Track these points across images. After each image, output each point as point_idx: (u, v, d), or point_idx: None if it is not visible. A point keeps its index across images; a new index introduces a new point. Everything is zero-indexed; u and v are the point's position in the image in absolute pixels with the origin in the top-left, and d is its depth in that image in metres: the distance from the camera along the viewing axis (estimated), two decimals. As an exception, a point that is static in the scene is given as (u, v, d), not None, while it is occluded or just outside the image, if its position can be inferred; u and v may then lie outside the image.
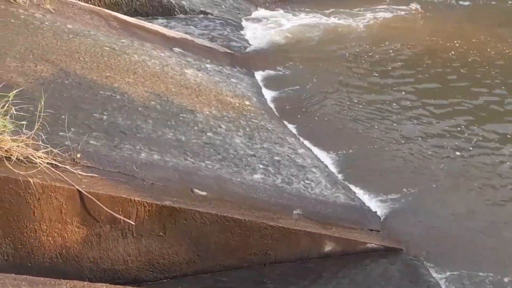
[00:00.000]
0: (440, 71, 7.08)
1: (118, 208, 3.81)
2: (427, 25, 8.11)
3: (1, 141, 3.68)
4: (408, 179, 5.29)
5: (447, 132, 5.96)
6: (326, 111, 6.22)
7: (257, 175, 4.78)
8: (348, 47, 7.51)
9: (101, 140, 4.35)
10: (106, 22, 6.55)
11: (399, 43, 7.57)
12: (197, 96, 5.74)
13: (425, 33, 7.84)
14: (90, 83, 5.09)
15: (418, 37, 7.71)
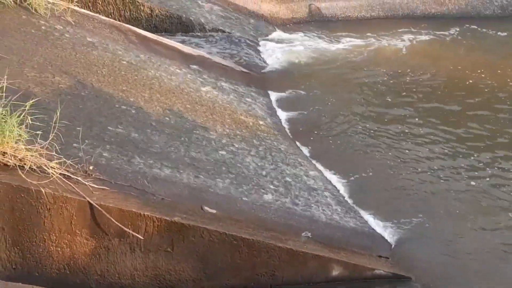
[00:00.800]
0: (458, 99, 7.06)
1: (127, 222, 3.82)
2: (451, 53, 8.10)
3: (16, 149, 3.71)
4: (420, 206, 5.25)
5: (461, 160, 5.93)
6: (339, 135, 6.22)
7: (267, 195, 4.78)
8: (364, 73, 7.52)
9: (114, 153, 4.37)
10: (125, 36, 6.61)
11: (418, 70, 7.57)
12: (211, 113, 5.76)
13: (447, 61, 7.81)
14: (106, 96, 5.14)
15: (439, 65, 7.70)
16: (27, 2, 5.82)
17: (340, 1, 8.79)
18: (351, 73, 7.51)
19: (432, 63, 7.71)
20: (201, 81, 6.42)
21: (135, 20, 7.54)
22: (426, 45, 8.23)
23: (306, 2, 8.69)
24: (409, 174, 5.68)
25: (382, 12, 8.80)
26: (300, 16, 8.59)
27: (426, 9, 8.88)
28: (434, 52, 8.10)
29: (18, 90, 4.39)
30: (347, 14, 8.70)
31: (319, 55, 7.84)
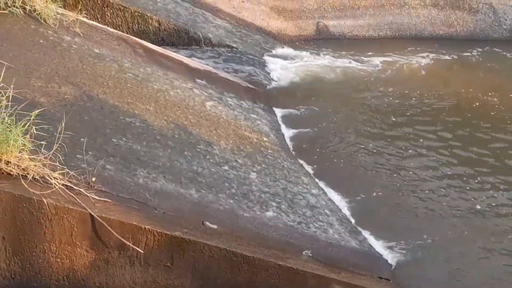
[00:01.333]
0: (464, 121, 7.06)
1: (128, 235, 3.81)
2: (459, 75, 8.11)
3: (19, 159, 3.72)
4: (422, 228, 5.23)
5: (466, 183, 5.92)
6: (343, 154, 6.21)
7: (269, 212, 4.76)
8: (370, 92, 7.53)
9: (117, 166, 4.37)
10: (132, 49, 6.64)
11: (424, 91, 7.57)
12: (215, 128, 5.77)
13: (454, 83, 7.83)
14: (111, 108, 5.15)
15: (445, 86, 7.71)
16: (36, 13, 5.85)
17: (348, 20, 8.82)
18: (357, 92, 7.52)
19: (439, 84, 7.72)
20: (207, 96, 6.43)
21: (143, 33, 7.57)
22: (434, 66, 8.24)
23: (314, 20, 8.72)
24: (412, 195, 5.66)
25: (390, 32, 8.83)
26: (307, 34, 8.62)
27: (434, 31, 8.91)
28: (441, 73, 8.11)
29: (24, 99, 4.41)
30: (355, 33, 8.73)
31: (325, 73, 7.86)
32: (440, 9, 9.09)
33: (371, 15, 8.88)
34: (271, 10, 8.65)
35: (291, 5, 8.76)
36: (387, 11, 8.97)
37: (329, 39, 8.60)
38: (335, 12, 8.82)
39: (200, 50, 7.86)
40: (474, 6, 9.14)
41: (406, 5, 9.04)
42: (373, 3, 9.00)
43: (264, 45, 8.29)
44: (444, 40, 8.82)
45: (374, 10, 8.94)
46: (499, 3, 9.21)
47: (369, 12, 8.91)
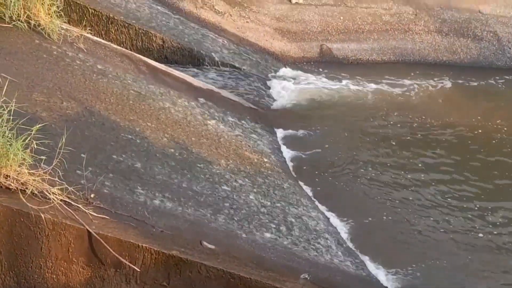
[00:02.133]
0: (465, 149, 7.04)
1: (125, 253, 3.78)
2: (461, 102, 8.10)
3: (19, 173, 3.71)
4: (421, 254, 5.20)
5: (466, 211, 5.90)
6: (343, 177, 6.19)
7: (268, 234, 4.74)
8: (371, 116, 7.52)
9: (116, 182, 4.35)
10: (135, 66, 6.66)
11: (426, 117, 7.56)
12: (216, 148, 5.76)
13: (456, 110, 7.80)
14: (113, 124, 5.15)
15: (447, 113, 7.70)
16: (41, 27, 5.88)
17: (351, 44, 8.84)
18: (358, 115, 7.51)
19: (441, 111, 7.72)
20: (208, 115, 6.43)
21: (146, 50, 7.59)
22: (436, 93, 8.24)
23: (318, 42, 8.76)
24: (412, 221, 5.63)
25: (393, 57, 8.85)
26: (311, 56, 8.64)
27: (437, 57, 8.93)
28: (443, 100, 8.12)
29: (25, 114, 4.41)
30: (358, 56, 8.75)
31: (327, 95, 7.87)
32: (444, 36, 9.13)
33: (375, 39, 8.91)
34: (275, 31, 8.68)
35: (295, 27, 8.80)
36: (391, 36, 9.00)
37: (333, 62, 8.61)
38: (339, 35, 8.85)
39: (203, 69, 7.88)
40: (478, 34, 9.18)
41: (410, 31, 9.08)
42: (377, 27, 9.04)
43: (267, 65, 8.31)
44: (448, 67, 8.83)
45: (378, 35, 8.98)
46: (504, 31, 9.25)
47: (373, 36, 8.94)
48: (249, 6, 8.81)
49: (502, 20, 9.38)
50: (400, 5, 9.31)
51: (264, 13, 8.80)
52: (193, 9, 8.42)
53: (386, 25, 9.06)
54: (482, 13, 9.41)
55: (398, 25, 9.10)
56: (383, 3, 9.29)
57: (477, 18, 9.33)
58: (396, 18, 9.15)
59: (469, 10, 9.42)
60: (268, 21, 8.73)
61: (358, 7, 9.18)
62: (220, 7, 8.62)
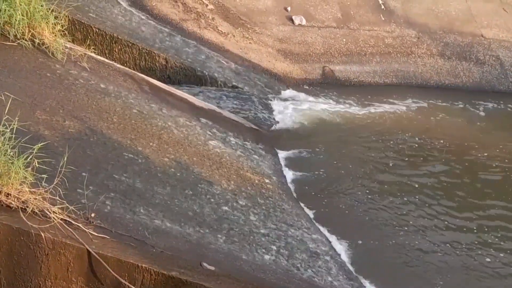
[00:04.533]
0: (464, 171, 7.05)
1: (124, 273, 3.76)
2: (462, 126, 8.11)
3: (20, 192, 3.70)
4: (422, 279, 5.17)
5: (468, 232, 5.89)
6: (345, 199, 6.18)
7: (268, 255, 4.71)
8: (373, 138, 7.53)
9: (117, 202, 4.35)
10: (138, 85, 6.68)
11: (428, 140, 7.57)
12: (217, 168, 5.75)
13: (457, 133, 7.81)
14: (114, 143, 5.15)
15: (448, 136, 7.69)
16: (45, 46, 5.91)
17: (354, 66, 8.87)
18: (360, 138, 7.52)
19: (442, 134, 7.73)
20: (210, 135, 6.44)
21: (149, 69, 7.62)
22: (438, 115, 8.25)
23: (320, 64, 8.78)
24: (413, 245, 5.62)
25: (395, 80, 8.86)
26: (313, 77, 8.66)
27: (440, 80, 8.95)
28: (445, 123, 8.13)
29: (28, 132, 4.42)
30: (361, 79, 8.77)
31: (329, 117, 7.88)
32: (446, 59, 9.16)
33: (377, 62, 8.94)
34: (278, 53, 8.72)
35: (297, 48, 8.84)
36: (393, 58, 9.03)
37: (335, 83, 8.63)
38: (342, 57, 8.88)
39: (205, 89, 7.90)
40: (481, 58, 9.21)
41: (412, 54, 9.11)
42: (380, 50, 9.07)
43: (270, 86, 8.33)
44: (450, 90, 8.85)
45: (381, 57, 9.01)
46: (506, 55, 9.29)
47: (376, 59, 8.97)
48: (252, 27, 8.86)
49: (505, 45, 9.42)
50: (403, 28, 9.36)
51: (267, 34, 8.84)
52: (197, 30, 8.46)
53: (388, 47, 9.10)
54: (484, 37, 9.45)
55: (401, 48, 9.13)
56: (386, 26, 9.34)
57: (480, 42, 9.37)
58: (398, 41, 9.19)
59: (471, 34, 9.46)
60: (271, 42, 8.77)
61: (361, 30, 9.22)
62: (224, 28, 8.67)
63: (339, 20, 9.27)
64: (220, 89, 7.98)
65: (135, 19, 8.04)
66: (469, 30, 9.51)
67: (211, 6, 8.87)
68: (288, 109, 7.98)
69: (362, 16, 9.38)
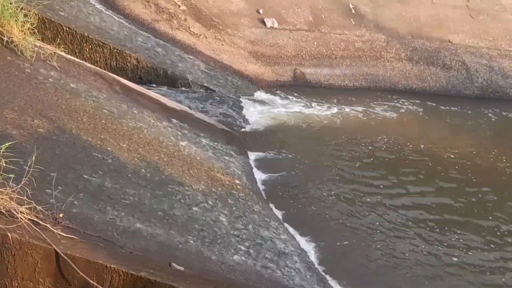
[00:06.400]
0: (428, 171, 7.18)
1: (92, 274, 3.74)
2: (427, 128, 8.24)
3: (-14, 191, 3.66)
4: (390, 279, 5.24)
5: (435, 232, 5.99)
6: (314, 201, 6.23)
7: (237, 256, 4.73)
8: (342, 139, 7.61)
9: (86, 202, 4.32)
10: (109, 85, 6.65)
11: (393, 140, 7.69)
12: (188, 169, 5.76)
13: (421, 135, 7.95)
14: (84, 143, 5.12)
15: (412, 138, 7.84)
16: (14, 44, 5.83)
17: (324, 69, 8.95)
18: (330, 139, 7.59)
19: (409, 136, 7.85)
20: (181, 136, 6.44)
21: (120, 69, 7.59)
22: (404, 118, 8.39)
23: (292, 67, 8.84)
24: (380, 244, 5.69)
25: (365, 83, 8.97)
26: (284, 80, 8.72)
27: (408, 84, 9.09)
28: (411, 125, 8.26)
29: (-5, 131, 4.37)
30: (331, 82, 8.86)
31: (299, 119, 7.94)
32: (414, 64, 9.30)
33: (347, 65, 9.04)
34: (250, 55, 8.76)
35: (269, 50, 8.89)
36: (363, 62, 9.14)
37: (306, 86, 8.70)
38: (312, 60, 8.96)
39: (177, 90, 7.89)
40: (447, 63, 9.37)
41: (381, 58, 9.23)
42: (350, 53, 9.18)
43: (241, 88, 8.36)
44: (417, 94, 9.00)
45: (351, 61, 9.11)
46: (472, 61, 9.47)
47: (346, 62, 9.07)
48: (225, 29, 8.88)
49: (471, 50, 9.61)
50: (373, 32, 9.48)
51: (239, 36, 8.87)
52: (169, 30, 8.46)
53: (358, 51, 9.21)
54: (451, 43, 9.63)
55: (370, 52, 9.25)
56: (356, 30, 9.45)
57: (447, 48, 9.54)
58: (368, 45, 9.30)
59: (439, 39, 9.63)
60: (243, 44, 8.81)
61: (332, 33, 9.32)
62: (196, 29, 8.67)
63: (310, 23, 9.35)
64: (191, 90, 7.97)
65: (107, 19, 8.00)
66: (437, 35, 9.68)
67: (184, 7, 8.87)
68: (259, 111, 8.02)
69: (333, 20, 9.47)
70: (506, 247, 6.00)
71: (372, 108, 8.44)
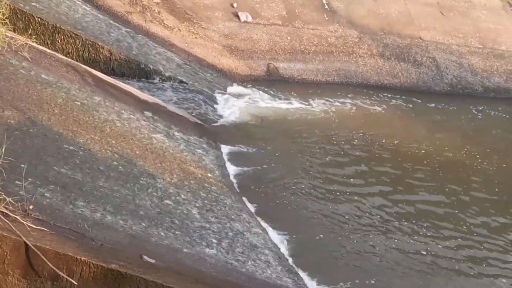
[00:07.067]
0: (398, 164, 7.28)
1: (62, 266, 3.74)
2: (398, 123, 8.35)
3: (-46, 182, 3.62)
4: (360, 271, 5.33)
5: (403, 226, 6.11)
6: (286, 194, 6.28)
7: (209, 249, 4.76)
8: (314, 134, 7.67)
9: (57, 194, 4.30)
10: (81, 77, 6.60)
11: (364, 135, 7.78)
12: (161, 162, 5.76)
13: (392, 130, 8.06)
14: (55, 135, 5.09)
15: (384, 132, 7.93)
16: (-16, 34, 5.77)
17: (297, 64, 9.00)
18: (302, 133, 7.65)
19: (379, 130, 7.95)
20: (154, 128, 6.43)
21: (93, 61, 7.53)
22: (376, 112, 8.48)
23: (265, 61, 8.87)
24: (351, 237, 5.78)
25: (337, 78, 9.04)
26: (258, 74, 8.74)
27: (379, 80, 9.18)
28: (382, 120, 8.35)
29: (-36, 121, 4.33)
30: (304, 76, 8.91)
31: (272, 113, 7.98)
32: (386, 60, 9.40)
33: (320, 60, 9.10)
34: (224, 48, 8.76)
35: (243, 45, 8.90)
36: (335, 57, 9.21)
37: (279, 80, 8.74)
38: (286, 55, 8.99)
39: (150, 83, 7.86)
40: (418, 59, 9.49)
41: (354, 53, 9.31)
42: (323, 49, 9.24)
43: (215, 82, 8.36)
44: (389, 90, 9.09)
45: (324, 56, 9.17)
46: (442, 57, 9.60)
47: (319, 57, 9.13)
48: (198, 22, 8.87)
49: (441, 47, 9.75)
50: (345, 28, 9.55)
51: (213, 29, 8.87)
52: (142, 23, 8.41)
53: (331, 47, 9.27)
54: (422, 40, 9.75)
55: (343, 48, 9.32)
56: (329, 26, 9.51)
57: (418, 44, 9.66)
58: (341, 41, 9.37)
59: (410, 36, 9.74)
60: (217, 37, 8.81)
61: (305, 28, 9.36)
62: (170, 21, 8.64)
63: (284, 18, 9.38)
64: (165, 83, 7.95)
65: (80, 10, 7.93)
66: (408, 32, 9.79)
67: (157, 0, 8.83)
68: (232, 105, 8.04)
69: (306, 15, 9.51)
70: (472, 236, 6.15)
71: (344, 103, 8.51)
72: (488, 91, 9.44)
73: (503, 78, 9.62)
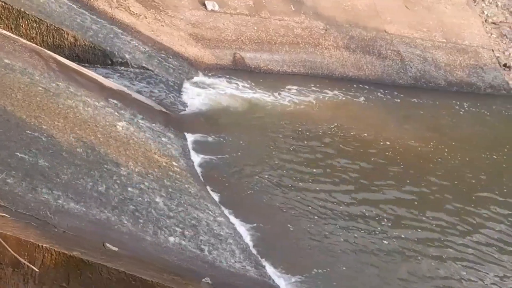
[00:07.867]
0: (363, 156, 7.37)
1: (24, 252, 3.70)
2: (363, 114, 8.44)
3: None
4: (323, 261, 5.40)
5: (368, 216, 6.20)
6: (251, 184, 6.32)
7: (172, 237, 4.77)
8: (280, 124, 7.71)
9: (18, 181, 4.26)
10: (45, 62, 6.51)
11: (329, 126, 7.86)
12: (125, 149, 5.73)
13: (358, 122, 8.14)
14: (18, 121, 5.02)
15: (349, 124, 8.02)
16: None
17: (264, 54, 9.01)
18: (267, 123, 7.68)
19: (344, 122, 8.03)
20: (118, 116, 6.38)
21: (57, 47, 7.42)
22: (341, 104, 8.56)
23: (231, 51, 8.86)
24: (316, 229, 5.83)
25: (303, 69, 9.08)
26: (224, 63, 8.72)
27: (344, 72, 9.25)
28: (347, 111, 8.44)
29: None
30: (270, 67, 8.93)
31: (238, 102, 7.99)
32: (351, 52, 9.47)
33: (286, 51, 9.13)
34: (190, 37, 8.72)
35: (209, 33, 8.88)
36: (301, 49, 9.24)
37: (245, 70, 8.73)
38: (252, 45, 8.99)
39: (115, 70, 7.79)
40: (383, 52, 9.59)
41: (320, 45, 9.35)
42: (289, 40, 9.26)
43: (181, 70, 8.32)
44: (353, 82, 9.17)
45: (290, 47, 9.20)
46: (406, 51, 9.72)
47: (285, 48, 9.15)
48: (165, 10, 8.81)
49: (406, 41, 9.87)
50: (312, 19, 9.58)
51: (179, 17, 8.82)
52: (108, 9, 8.32)
53: (297, 38, 9.31)
54: (387, 33, 9.86)
55: (309, 39, 9.36)
56: (296, 17, 9.54)
57: (383, 37, 9.76)
58: (307, 32, 9.41)
59: (375, 29, 9.83)
60: (183, 26, 8.76)
61: (272, 19, 9.37)
62: (136, 8, 8.56)
63: (251, 8, 9.38)
64: (130, 70, 7.89)
65: (44, -5, 7.80)
66: (374, 25, 9.88)
67: (123, -14, 8.74)
68: (198, 94, 8.02)
69: (273, 6, 9.52)
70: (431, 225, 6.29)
71: (309, 94, 8.57)
72: (451, 85, 9.59)
73: (465, 72, 9.79)
